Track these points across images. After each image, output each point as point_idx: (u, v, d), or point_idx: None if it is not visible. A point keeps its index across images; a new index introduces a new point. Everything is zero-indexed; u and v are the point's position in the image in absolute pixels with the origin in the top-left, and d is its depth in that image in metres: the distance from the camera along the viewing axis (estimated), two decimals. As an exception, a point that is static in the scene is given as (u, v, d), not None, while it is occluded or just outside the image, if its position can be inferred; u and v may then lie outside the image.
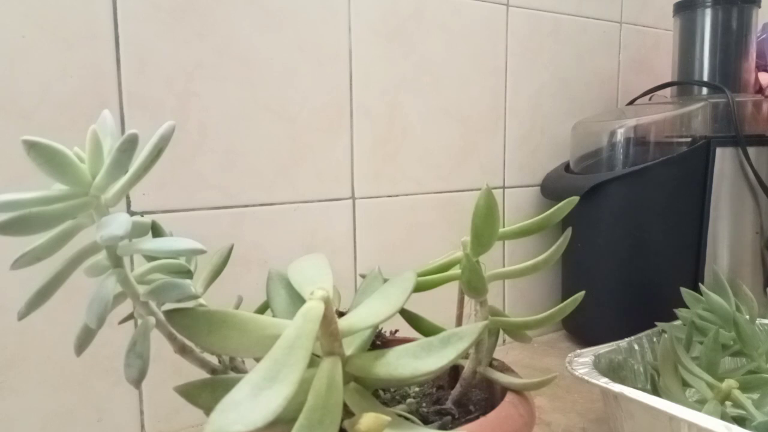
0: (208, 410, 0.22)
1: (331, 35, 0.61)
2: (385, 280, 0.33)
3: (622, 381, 0.42)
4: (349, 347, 0.28)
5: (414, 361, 0.25)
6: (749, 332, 0.48)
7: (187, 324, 0.24)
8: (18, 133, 0.46)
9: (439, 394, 0.37)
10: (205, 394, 0.24)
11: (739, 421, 0.41)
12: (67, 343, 0.30)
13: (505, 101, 0.75)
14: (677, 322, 0.55)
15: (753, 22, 0.76)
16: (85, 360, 0.50)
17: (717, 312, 0.50)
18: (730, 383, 0.43)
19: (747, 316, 0.50)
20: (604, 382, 0.42)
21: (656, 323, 0.56)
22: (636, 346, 0.53)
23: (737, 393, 0.42)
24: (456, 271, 0.37)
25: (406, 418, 0.29)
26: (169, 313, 0.24)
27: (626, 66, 0.88)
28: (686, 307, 0.54)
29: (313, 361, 0.24)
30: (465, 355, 0.30)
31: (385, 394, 0.36)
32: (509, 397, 0.32)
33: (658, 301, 0.60)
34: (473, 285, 0.32)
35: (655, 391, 0.46)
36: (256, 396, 0.18)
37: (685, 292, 0.54)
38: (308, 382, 0.22)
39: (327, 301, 0.23)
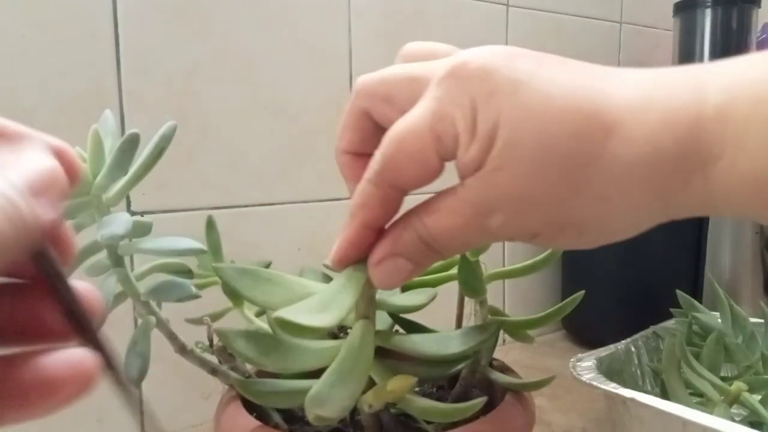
0: (240, 355, 0.24)
1: (331, 35, 0.61)
2: None
3: (624, 384, 0.42)
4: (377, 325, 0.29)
5: (436, 345, 0.28)
6: (739, 354, 0.48)
7: (235, 276, 0.25)
8: (18, 132, 0.46)
9: (439, 394, 0.37)
10: (240, 341, 0.25)
11: (755, 425, 0.40)
12: (68, 342, 0.30)
13: (505, 101, 0.75)
14: (671, 323, 0.55)
15: (753, 23, 0.76)
16: (85, 360, 0.50)
17: (708, 331, 0.50)
18: (739, 386, 0.42)
19: (740, 337, 0.50)
20: (613, 387, 0.41)
21: (651, 326, 0.56)
22: (633, 348, 0.53)
23: (747, 395, 0.42)
24: (455, 271, 0.37)
25: (408, 416, 0.29)
26: (220, 269, 0.25)
27: (626, 66, 0.87)
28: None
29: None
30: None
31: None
32: (509, 397, 0.32)
33: (658, 301, 0.60)
34: (470, 285, 0.32)
35: (664, 394, 0.45)
36: (325, 307, 0.22)
37: (682, 297, 0.54)
38: (337, 348, 0.25)
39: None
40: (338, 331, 0.34)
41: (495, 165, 0.21)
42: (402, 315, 0.33)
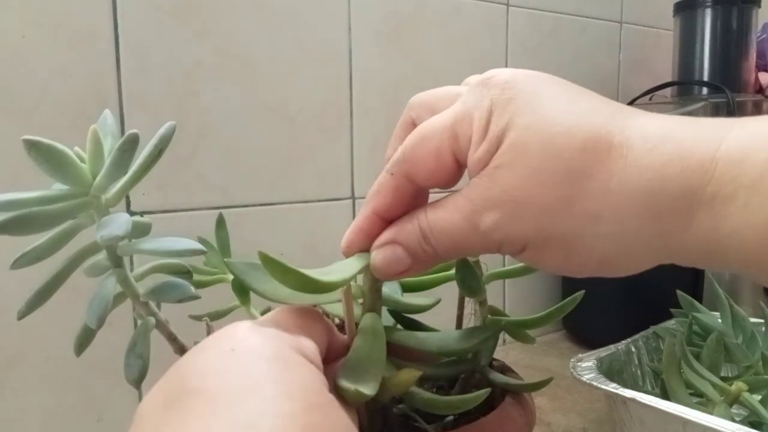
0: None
1: (331, 35, 0.61)
2: None
3: (625, 384, 0.42)
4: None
5: (439, 342, 0.29)
6: (739, 354, 0.48)
7: (245, 270, 0.26)
8: (18, 132, 0.46)
9: (438, 394, 0.37)
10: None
11: (755, 425, 0.40)
12: (67, 343, 0.30)
13: (505, 101, 0.75)
14: (671, 323, 0.55)
15: (753, 22, 0.76)
16: (85, 360, 0.50)
17: (708, 332, 0.50)
18: (739, 386, 0.42)
19: (740, 337, 0.50)
20: (613, 387, 0.41)
21: (651, 326, 0.56)
22: (633, 348, 0.53)
23: (747, 395, 0.42)
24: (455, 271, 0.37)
25: (409, 417, 0.29)
26: (231, 263, 0.26)
27: (626, 66, 0.88)
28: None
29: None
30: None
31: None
32: (509, 397, 0.32)
33: (658, 301, 0.60)
34: (467, 284, 0.32)
35: (665, 394, 0.45)
36: (332, 272, 0.23)
37: (682, 297, 0.54)
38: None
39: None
40: None
41: (498, 163, 0.21)
42: (404, 314, 0.33)
